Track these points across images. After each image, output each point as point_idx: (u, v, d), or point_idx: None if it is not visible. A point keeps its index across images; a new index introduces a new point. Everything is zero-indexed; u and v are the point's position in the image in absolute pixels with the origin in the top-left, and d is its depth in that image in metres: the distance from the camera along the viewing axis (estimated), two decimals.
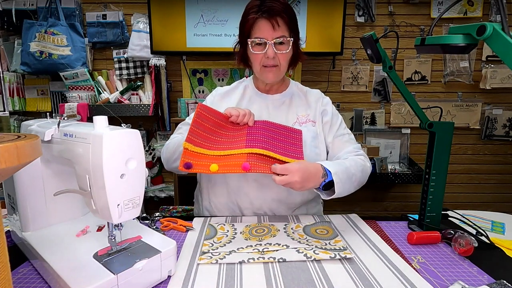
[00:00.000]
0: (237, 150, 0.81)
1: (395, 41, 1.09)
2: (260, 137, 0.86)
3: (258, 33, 0.90)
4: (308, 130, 0.99)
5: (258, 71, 0.96)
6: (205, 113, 0.86)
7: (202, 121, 0.84)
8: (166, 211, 1.98)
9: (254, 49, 0.91)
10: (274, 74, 0.94)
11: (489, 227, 1.00)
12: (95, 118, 0.54)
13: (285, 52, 0.92)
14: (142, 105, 1.98)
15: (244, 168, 0.77)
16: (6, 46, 2.03)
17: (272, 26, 0.88)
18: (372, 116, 2.20)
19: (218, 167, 0.78)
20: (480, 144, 2.23)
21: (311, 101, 1.05)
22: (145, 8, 1.94)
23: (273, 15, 0.88)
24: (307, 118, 1.01)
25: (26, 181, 0.66)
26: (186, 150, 0.79)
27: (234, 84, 1.10)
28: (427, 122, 0.82)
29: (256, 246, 0.73)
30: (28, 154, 0.37)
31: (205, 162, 0.79)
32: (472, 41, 0.71)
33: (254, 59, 0.94)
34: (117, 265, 0.55)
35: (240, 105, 1.03)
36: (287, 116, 1.02)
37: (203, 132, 0.83)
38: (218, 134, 0.86)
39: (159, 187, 2.18)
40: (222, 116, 0.88)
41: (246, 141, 0.84)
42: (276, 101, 1.03)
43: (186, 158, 0.79)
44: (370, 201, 2.31)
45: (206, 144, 0.82)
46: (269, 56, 0.90)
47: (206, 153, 0.81)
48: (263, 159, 0.81)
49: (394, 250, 0.73)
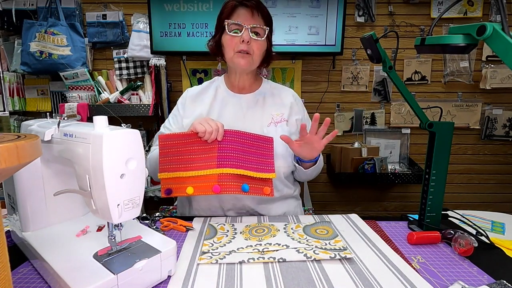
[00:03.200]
0: (209, 170, 0.85)
1: (395, 41, 1.09)
2: (231, 153, 0.87)
3: (236, 18, 0.92)
4: (283, 130, 1.00)
5: (231, 57, 0.95)
6: (168, 142, 0.86)
7: (168, 149, 0.85)
8: (166, 211, 1.98)
9: (230, 30, 0.92)
10: (247, 61, 0.94)
11: (489, 227, 1.00)
12: (95, 118, 0.54)
13: (260, 40, 0.93)
14: (142, 105, 1.98)
15: (215, 190, 0.83)
16: (6, 46, 2.03)
17: (251, 13, 0.92)
18: (372, 116, 2.20)
19: (193, 190, 0.84)
20: (480, 144, 2.23)
21: (284, 99, 1.06)
22: (145, 8, 1.94)
23: (252, 6, 0.91)
24: (281, 118, 1.02)
25: (26, 181, 0.66)
26: (162, 179, 0.84)
27: (205, 84, 1.09)
28: (427, 122, 0.82)
29: (256, 246, 0.73)
30: (28, 154, 0.37)
31: (182, 185, 0.84)
32: (472, 41, 0.71)
33: (228, 44, 0.94)
34: (117, 265, 0.55)
35: (213, 107, 1.02)
36: (262, 116, 1.02)
37: (172, 157, 0.85)
38: (190, 152, 0.86)
39: (159, 187, 2.17)
40: (188, 135, 0.86)
41: (217, 159, 0.85)
42: (250, 100, 1.03)
43: (165, 184, 0.84)
44: (370, 201, 2.31)
45: (180, 166, 0.85)
46: (244, 39, 0.91)
47: (182, 175, 0.84)
48: (234, 178, 0.85)
49: (394, 250, 0.73)
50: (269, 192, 0.88)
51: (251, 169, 0.87)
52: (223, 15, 0.94)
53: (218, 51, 1.01)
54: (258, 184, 0.88)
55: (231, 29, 0.93)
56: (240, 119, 1.00)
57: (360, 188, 2.28)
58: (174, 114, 1.07)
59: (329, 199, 2.32)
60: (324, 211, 2.31)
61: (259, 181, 0.88)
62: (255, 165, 0.88)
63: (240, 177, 0.86)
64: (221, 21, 0.95)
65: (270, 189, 0.88)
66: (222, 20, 0.95)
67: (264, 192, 0.88)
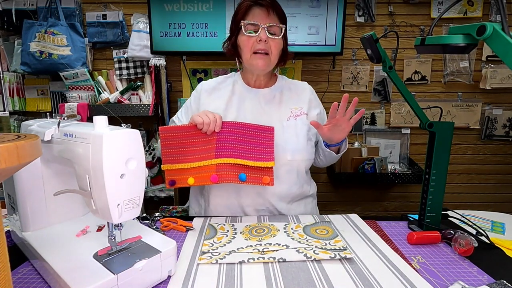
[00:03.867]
0: (208, 161, 0.87)
1: (395, 41, 1.09)
2: (229, 143, 0.88)
3: (252, 18, 0.92)
4: (303, 123, 1.00)
5: (248, 59, 0.95)
6: (169, 134, 0.87)
7: (169, 141, 0.87)
8: (166, 211, 1.97)
9: (247, 31, 0.92)
10: (265, 61, 0.94)
11: (489, 227, 1.00)
12: (95, 118, 0.54)
13: (277, 38, 0.93)
14: (142, 105, 1.98)
15: (213, 180, 0.85)
16: (6, 46, 2.03)
17: (267, 12, 0.91)
18: (372, 116, 2.20)
19: (194, 180, 0.86)
20: (480, 144, 2.23)
21: (301, 94, 1.06)
22: (145, 8, 1.94)
23: (267, 5, 0.91)
24: (301, 111, 1.02)
25: (26, 181, 0.66)
26: (166, 170, 0.87)
27: (221, 78, 1.08)
28: (427, 122, 0.82)
29: (256, 246, 0.73)
30: (28, 154, 0.37)
31: (184, 176, 0.87)
32: (472, 41, 0.71)
33: (245, 45, 0.94)
34: (117, 265, 0.55)
35: (230, 101, 1.02)
36: (280, 110, 1.02)
37: (174, 149, 0.87)
38: (190, 144, 0.88)
39: (159, 187, 2.18)
40: (188, 127, 0.88)
41: (215, 150, 0.88)
42: (267, 95, 1.03)
43: (169, 176, 0.87)
44: (370, 201, 2.31)
45: (182, 158, 0.88)
46: (261, 38, 0.91)
47: (184, 166, 0.87)
48: (231, 167, 0.87)
49: (394, 250, 0.73)
50: (268, 181, 0.88)
51: (249, 158, 0.88)
52: (238, 16, 0.94)
53: (235, 52, 1.01)
54: (257, 173, 0.88)
55: (247, 30, 0.92)
56: (260, 114, 1.00)
57: (360, 188, 2.28)
58: (187, 106, 1.08)
59: (329, 199, 2.32)
60: (324, 211, 2.31)
61: (257, 170, 0.88)
62: (253, 154, 0.89)
63: (238, 166, 0.87)
64: (236, 22, 0.95)
65: (270, 178, 0.88)
66: (237, 21, 0.94)
67: (263, 181, 0.88)
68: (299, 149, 0.98)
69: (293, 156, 0.97)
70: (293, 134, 0.98)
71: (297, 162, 0.98)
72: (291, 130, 0.99)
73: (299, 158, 0.98)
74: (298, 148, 0.97)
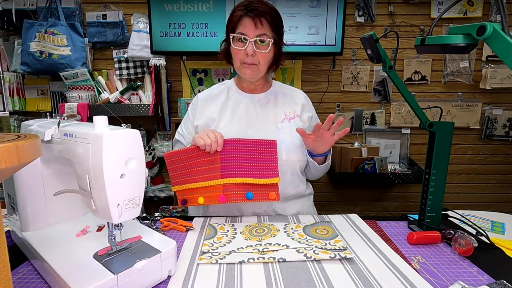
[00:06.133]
0: (214, 180, 0.89)
1: (395, 41, 1.09)
2: (233, 162, 0.90)
3: (240, 29, 0.93)
4: (297, 125, 1.02)
5: (238, 67, 0.98)
6: (173, 158, 0.90)
7: (175, 165, 0.90)
8: (166, 211, 1.98)
9: (236, 44, 0.94)
10: (252, 71, 0.96)
11: (489, 227, 1.00)
12: (95, 118, 0.53)
13: (264, 52, 0.94)
14: (142, 105, 1.98)
15: (221, 200, 0.88)
16: (6, 46, 2.03)
17: (255, 24, 0.91)
18: (372, 116, 2.20)
19: (204, 200, 0.89)
20: (480, 144, 2.23)
21: (295, 97, 1.09)
22: (145, 8, 1.94)
23: (258, 15, 0.91)
24: (294, 114, 1.04)
25: (26, 181, 0.66)
26: (177, 191, 0.91)
27: (215, 87, 1.11)
28: (427, 122, 0.82)
29: (256, 246, 0.73)
30: (28, 154, 0.37)
31: (194, 195, 0.90)
32: (472, 41, 0.71)
33: (235, 55, 0.97)
34: (117, 265, 0.55)
35: (225, 107, 1.04)
36: (275, 113, 1.04)
37: (182, 171, 0.90)
38: (195, 164, 0.90)
39: (159, 187, 2.18)
40: (191, 149, 0.90)
41: (221, 170, 0.90)
42: (262, 99, 1.05)
43: (181, 196, 0.91)
44: (370, 201, 2.31)
45: (190, 178, 0.90)
46: (248, 53, 0.92)
47: (194, 186, 0.90)
48: (238, 186, 0.89)
49: (394, 250, 0.73)
50: (274, 197, 0.89)
51: (254, 176, 0.89)
52: (229, 28, 0.96)
53: (227, 59, 1.04)
54: (263, 190, 0.89)
55: (235, 43, 0.94)
56: (254, 118, 1.02)
57: (360, 188, 2.28)
58: (185, 120, 1.10)
59: (329, 199, 2.32)
60: (324, 211, 2.31)
61: (263, 187, 0.89)
62: (258, 171, 0.90)
63: (244, 185, 0.89)
64: (227, 32, 0.97)
65: (276, 193, 0.89)
66: (228, 31, 0.96)
67: (269, 197, 0.89)
68: (294, 149, 0.99)
69: (288, 156, 0.98)
70: (287, 135, 1.00)
71: (292, 162, 0.99)
72: (285, 131, 1.00)
73: (294, 158, 0.99)
74: (293, 148, 0.99)
